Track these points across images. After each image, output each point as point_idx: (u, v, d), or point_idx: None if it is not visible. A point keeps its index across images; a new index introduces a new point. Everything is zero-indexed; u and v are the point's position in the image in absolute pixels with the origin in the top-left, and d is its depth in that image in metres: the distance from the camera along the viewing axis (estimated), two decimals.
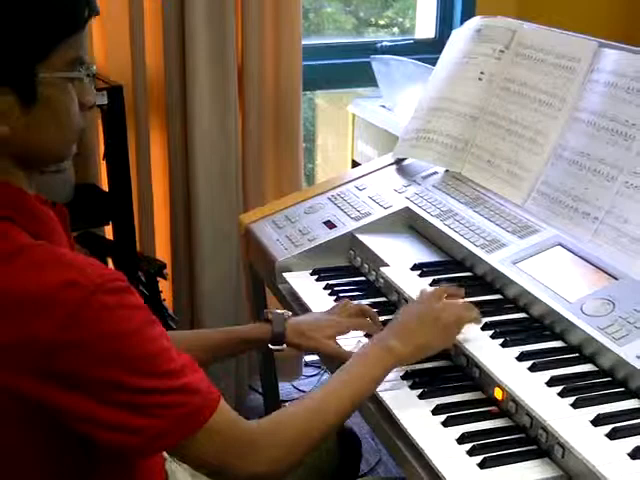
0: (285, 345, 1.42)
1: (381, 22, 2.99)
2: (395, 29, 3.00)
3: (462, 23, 2.06)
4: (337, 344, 1.42)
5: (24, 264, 0.91)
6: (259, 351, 2.08)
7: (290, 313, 1.47)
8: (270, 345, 1.42)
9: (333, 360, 1.41)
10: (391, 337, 1.26)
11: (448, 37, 2.03)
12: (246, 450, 1.02)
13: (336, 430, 1.21)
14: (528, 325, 1.40)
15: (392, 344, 1.24)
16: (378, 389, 1.25)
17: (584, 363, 1.28)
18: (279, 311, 1.46)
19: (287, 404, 1.19)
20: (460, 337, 1.33)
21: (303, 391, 2.76)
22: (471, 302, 1.44)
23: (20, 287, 0.90)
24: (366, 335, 1.45)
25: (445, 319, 1.30)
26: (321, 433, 1.12)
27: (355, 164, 2.49)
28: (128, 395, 0.92)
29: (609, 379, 1.24)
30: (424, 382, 1.30)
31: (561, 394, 1.19)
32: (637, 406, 1.17)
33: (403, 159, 1.99)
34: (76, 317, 0.89)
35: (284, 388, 2.68)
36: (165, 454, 1.18)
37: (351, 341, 1.44)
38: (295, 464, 1.09)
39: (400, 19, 3.03)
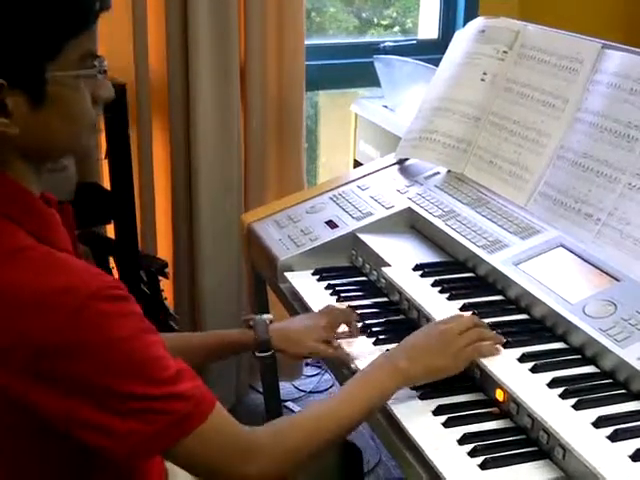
0: (272, 351, 1.41)
1: (383, 22, 2.99)
2: (396, 28, 2.99)
3: (465, 24, 2.06)
4: (330, 345, 1.42)
5: (22, 266, 0.91)
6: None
7: (272, 317, 1.45)
8: (257, 353, 1.41)
9: (331, 361, 1.40)
10: (400, 356, 1.23)
11: (451, 37, 2.03)
12: (238, 456, 1.01)
13: (336, 444, 1.19)
14: (530, 326, 1.40)
15: (400, 363, 1.22)
16: None
17: (586, 365, 1.28)
18: (261, 317, 1.45)
19: (287, 404, 1.19)
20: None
21: (304, 391, 2.77)
22: (472, 303, 1.45)
23: (16, 288, 0.89)
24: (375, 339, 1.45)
25: (459, 343, 1.26)
26: (317, 448, 1.11)
27: (357, 164, 2.49)
28: (117, 400, 0.91)
29: (611, 381, 1.24)
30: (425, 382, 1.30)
31: (562, 396, 1.19)
32: (639, 408, 1.17)
33: (405, 159, 1.98)
34: (70, 322, 0.88)
35: (285, 387, 2.68)
36: None
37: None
38: (284, 475, 1.08)
39: (402, 18, 3.02)
